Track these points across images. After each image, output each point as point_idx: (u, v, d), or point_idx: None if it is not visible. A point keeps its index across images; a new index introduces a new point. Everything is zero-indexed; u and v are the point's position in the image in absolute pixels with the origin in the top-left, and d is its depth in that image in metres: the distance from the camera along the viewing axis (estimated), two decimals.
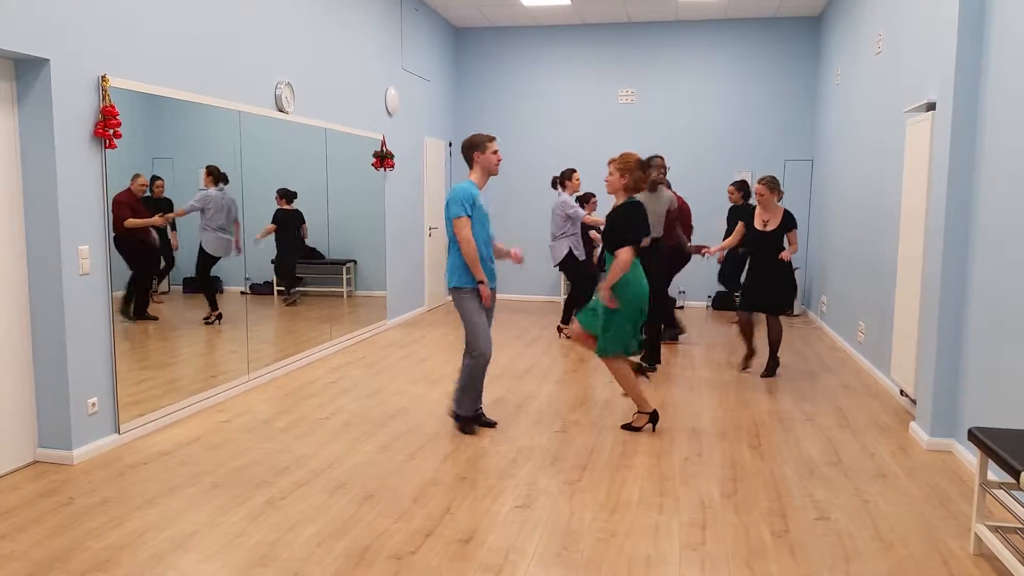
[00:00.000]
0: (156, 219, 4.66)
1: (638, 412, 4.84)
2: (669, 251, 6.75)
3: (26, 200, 4.08)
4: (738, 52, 10.05)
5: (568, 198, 7.52)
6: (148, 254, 4.81)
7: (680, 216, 7.03)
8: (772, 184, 6.04)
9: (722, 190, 9.75)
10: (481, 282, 4.56)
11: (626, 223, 4.57)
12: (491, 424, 4.89)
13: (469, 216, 4.52)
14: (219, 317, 5.58)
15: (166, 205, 4.93)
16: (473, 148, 4.64)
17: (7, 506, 3.62)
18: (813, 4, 9.23)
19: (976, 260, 4.24)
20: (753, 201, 8.68)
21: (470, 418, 4.78)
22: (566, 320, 7.92)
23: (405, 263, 8.95)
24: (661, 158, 6.56)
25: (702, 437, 4.74)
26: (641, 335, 4.81)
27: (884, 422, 5.08)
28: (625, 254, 4.52)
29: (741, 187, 8.34)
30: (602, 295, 4.61)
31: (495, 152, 4.67)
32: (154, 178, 4.79)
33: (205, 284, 5.50)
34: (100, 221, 4.35)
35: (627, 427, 4.85)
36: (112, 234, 4.44)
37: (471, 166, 4.67)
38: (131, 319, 4.66)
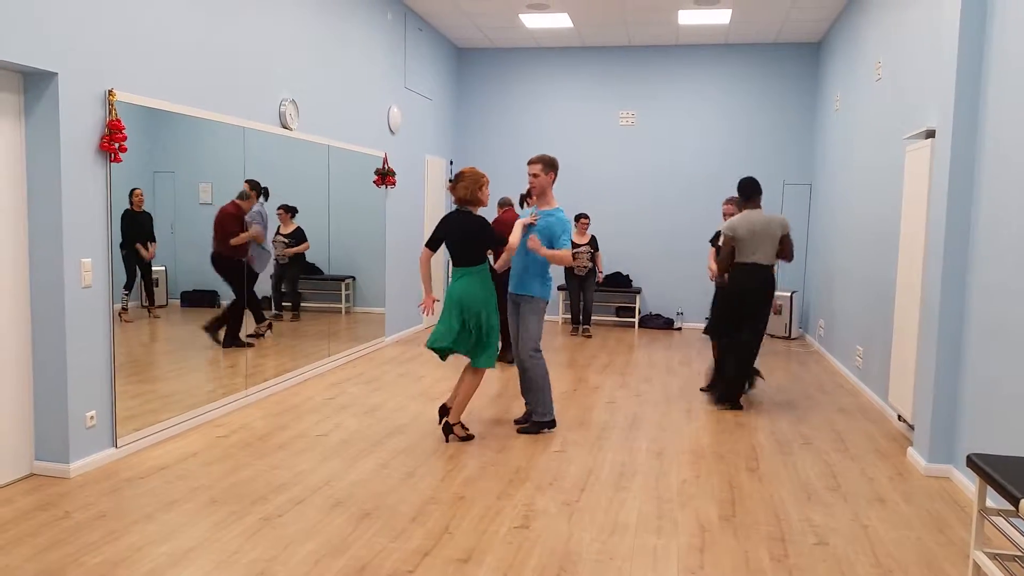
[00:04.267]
0: (257, 232, 4.56)
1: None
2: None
3: (30, 212, 4.09)
4: (738, 77, 10.13)
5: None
6: (244, 274, 4.72)
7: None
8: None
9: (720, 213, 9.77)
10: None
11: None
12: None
13: None
14: (270, 327, 5.60)
15: (147, 219, 4.83)
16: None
17: (2, 519, 3.59)
18: (813, 30, 9.33)
19: (975, 286, 4.26)
20: None
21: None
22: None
23: (404, 280, 8.96)
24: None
25: (700, 460, 4.73)
26: (454, 340, 4.87)
27: (882, 447, 5.08)
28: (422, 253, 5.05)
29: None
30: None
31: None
32: (132, 191, 4.66)
33: (250, 300, 5.51)
34: (103, 234, 4.36)
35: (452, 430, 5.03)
36: (210, 251, 4.32)
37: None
38: (221, 344, 4.63)
